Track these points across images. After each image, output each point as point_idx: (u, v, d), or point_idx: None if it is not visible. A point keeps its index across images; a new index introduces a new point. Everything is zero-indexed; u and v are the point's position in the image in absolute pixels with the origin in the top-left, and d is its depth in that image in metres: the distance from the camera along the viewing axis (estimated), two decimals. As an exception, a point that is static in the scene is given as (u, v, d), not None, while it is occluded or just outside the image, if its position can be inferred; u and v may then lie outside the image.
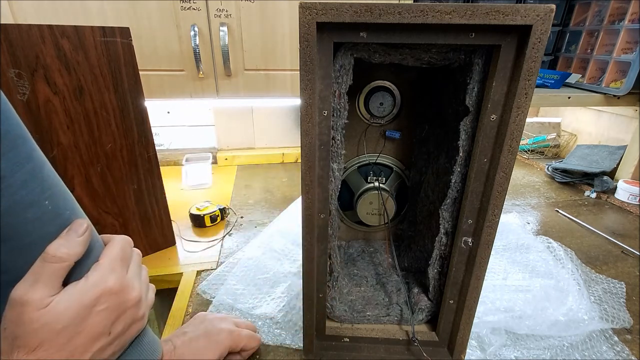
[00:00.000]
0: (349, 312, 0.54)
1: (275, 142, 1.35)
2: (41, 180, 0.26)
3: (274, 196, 1.06)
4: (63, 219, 0.28)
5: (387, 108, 0.55)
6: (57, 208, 0.28)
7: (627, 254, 0.80)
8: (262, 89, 0.91)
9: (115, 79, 0.61)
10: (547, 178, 1.23)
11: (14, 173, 0.24)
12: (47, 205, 0.27)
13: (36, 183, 0.26)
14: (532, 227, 0.92)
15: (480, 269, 0.45)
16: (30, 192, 0.25)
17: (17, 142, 0.25)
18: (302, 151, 0.39)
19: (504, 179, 0.39)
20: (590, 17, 1.09)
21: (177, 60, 0.84)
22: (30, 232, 0.26)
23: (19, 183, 0.24)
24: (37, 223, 0.26)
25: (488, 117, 0.38)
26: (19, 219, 0.25)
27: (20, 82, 0.52)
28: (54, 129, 0.57)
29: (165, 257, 0.76)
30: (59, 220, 0.28)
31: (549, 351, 0.55)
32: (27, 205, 0.25)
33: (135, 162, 0.68)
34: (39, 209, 0.26)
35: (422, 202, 0.58)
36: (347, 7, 0.33)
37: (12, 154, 0.24)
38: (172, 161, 1.27)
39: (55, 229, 0.27)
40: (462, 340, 0.50)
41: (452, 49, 0.39)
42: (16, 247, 0.25)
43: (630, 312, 0.63)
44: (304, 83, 0.36)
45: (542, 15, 0.32)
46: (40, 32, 0.52)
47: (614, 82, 1.02)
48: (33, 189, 0.25)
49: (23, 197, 0.25)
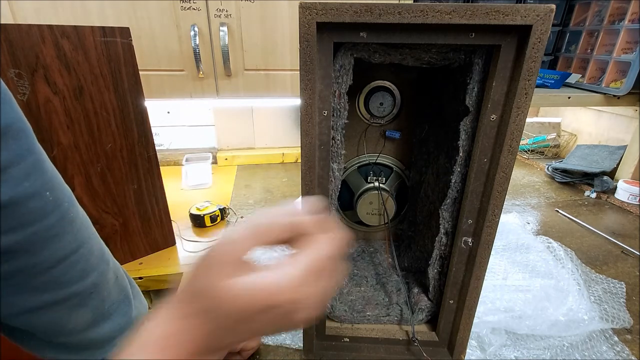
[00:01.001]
0: (349, 312, 0.54)
1: (275, 142, 1.35)
2: (42, 172, 0.27)
3: (274, 196, 1.06)
4: (63, 209, 0.29)
5: (387, 108, 0.55)
6: (57, 199, 0.28)
7: (627, 254, 0.80)
8: (262, 89, 0.91)
9: (115, 79, 0.61)
10: (547, 178, 1.23)
11: (18, 164, 0.25)
12: (49, 197, 0.27)
13: (38, 175, 0.26)
14: (532, 227, 0.92)
15: (480, 269, 0.45)
16: (33, 183, 0.26)
17: (20, 135, 0.25)
18: (302, 151, 0.39)
19: (504, 179, 0.39)
20: (590, 17, 1.09)
21: (177, 60, 0.84)
22: (32, 222, 0.26)
23: (22, 174, 0.25)
24: (39, 213, 0.27)
25: (488, 117, 0.38)
26: (22, 209, 0.25)
27: (20, 82, 0.52)
28: (54, 129, 0.57)
29: (165, 257, 0.76)
30: (59, 211, 0.28)
31: (549, 351, 0.55)
32: (29, 196, 0.26)
33: (135, 162, 0.68)
34: (40, 199, 0.27)
35: (422, 202, 0.58)
36: (347, 7, 0.33)
37: (16, 145, 0.25)
38: (172, 161, 1.27)
39: (55, 219, 0.28)
40: (462, 340, 0.50)
41: (452, 49, 0.39)
42: (20, 236, 0.26)
43: (630, 312, 0.63)
44: (304, 83, 0.36)
45: (542, 15, 0.32)
46: (40, 32, 0.52)
47: (614, 82, 1.02)
48: (35, 180, 0.26)
49: (26, 188, 0.25)
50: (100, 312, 0.33)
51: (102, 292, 0.33)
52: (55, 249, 0.28)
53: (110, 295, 0.34)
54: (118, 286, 0.36)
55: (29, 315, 0.29)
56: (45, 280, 0.28)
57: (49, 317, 0.30)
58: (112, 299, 0.35)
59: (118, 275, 0.36)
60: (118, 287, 0.36)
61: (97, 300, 0.33)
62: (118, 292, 0.36)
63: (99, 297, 0.33)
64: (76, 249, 0.30)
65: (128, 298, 0.37)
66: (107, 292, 0.34)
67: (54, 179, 0.29)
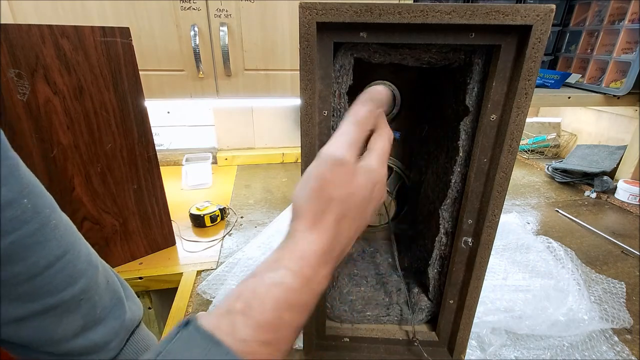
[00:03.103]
0: (349, 312, 0.54)
1: (275, 142, 1.35)
2: (18, 178, 0.26)
3: (274, 196, 1.06)
4: (43, 216, 0.28)
5: (387, 108, 0.55)
6: (36, 206, 0.27)
7: (627, 254, 0.80)
8: (262, 89, 0.91)
9: (115, 79, 0.61)
10: (547, 178, 1.23)
11: None
12: (27, 204, 0.26)
13: (14, 181, 0.25)
14: (532, 227, 0.92)
15: (480, 269, 0.45)
16: (9, 190, 0.25)
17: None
18: (302, 151, 0.39)
19: (504, 179, 0.39)
20: (590, 17, 1.09)
21: (177, 60, 0.84)
22: (11, 231, 0.25)
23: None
24: (16, 222, 0.26)
25: (488, 117, 0.38)
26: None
27: (20, 82, 0.52)
28: (54, 129, 0.57)
29: (165, 257, 0.76)
30: (39, 218, 0.27)
31: (549, 351, 0.55)
32: (6, 204, 0.25)
33: (135, 162, 0.68)
34: (18, 207, 0.26)
35: (422, 202, 0.58)
36: (347, 7, 0.33)
37: None
38: (172, 161, 1.27)
39: (35, 227, 0.27)
40: (462, 340, 0.50)
41: (452, 49, 0.39)
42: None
43: (630, 312, 0.63)
44: (304, 83, 0.36)
45: (542, 15, 0.32)
46: (40, 32, 0.52)
47: (614, 82, 1.02)
48: (11, 187, 0.25)
49: (2, 196, 0.24)
50: (92, 317, 0.32)
51: (92, 298, 0.32)
52: (38, 257, 0.27)
53: (102, 300, 0.34)
54: (110, 290, 0.35)
55: (16, 325, 0.28)
56: (31, 289, 0.27)
57: (37, 326, 0.29)
58: (103, 303, 0.34)
59: (109, 279, 0.35)
60: (110, 291, 0.35)
61: (87, 306, 0.32)
62: (110, 296, 0.35)
63: (90, 302, 0.32)
64: (61, 255, 0.29)
65: (121, 301, 0.36)
66: (99, 297, 0.33)
67: (32, 185, 0.27)
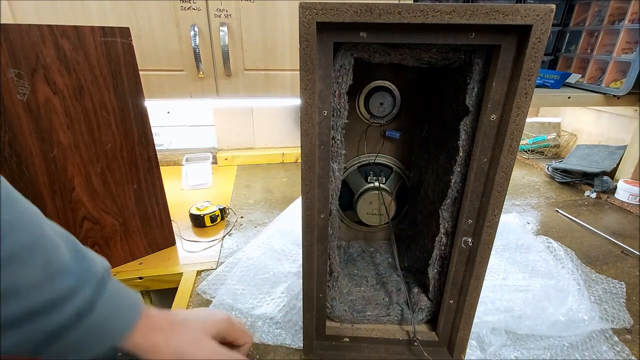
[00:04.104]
0: (349, 312, 0.54)
1: (275, 142, 1.35)
2: None
3: (274, 196, 1.06)
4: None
5: (387, 108, 0.55)
6: None
7: (627, 254, 0.80)
8: (262, 89, 0.91)
9: (115, 79, 0.61)
10: (547, 178, 1.23)
11: None
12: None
13: None
14: (532, 227, 0.92)
15: (480, 269, 0.45)
16: None
17: None
18: (302, 151, 0.39)
19: (504, 179, 0.39)
20: (590, 17, 1.09)
21: (177, 60, 0.84)
22: None
23: None
24: None
25: (488, 117, 0.38)
26: None
27: (20, 82, 0.52)
28: (54, 129, 0.57)
29: (165, 257, 0.76)
30: None
31: (549, 351, 0.55)
32: None
33: (135, 162, 0.68)
34: None
35: (422, 202, 0.58)
36: (347, 7, 0.33)
37: None
38: (172, 161, 1.27)
39: None
40: (462, 340, 0.50)
41: (452, 49, 0.39)
42: None
43: (630, 312, 0.63)
44: (304, 83, 0.36)
45: (542, 15, 0.32)
46: (40, 32, 0.52)
47: (614, 82, 1.02)
48: None
49: None
50: None
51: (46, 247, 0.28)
52: None
53: (58, 252, 0.30)
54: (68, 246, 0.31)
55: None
56: None
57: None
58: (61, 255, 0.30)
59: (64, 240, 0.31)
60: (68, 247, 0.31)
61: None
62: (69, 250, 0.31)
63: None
64: None
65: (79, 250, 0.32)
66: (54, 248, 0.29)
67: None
